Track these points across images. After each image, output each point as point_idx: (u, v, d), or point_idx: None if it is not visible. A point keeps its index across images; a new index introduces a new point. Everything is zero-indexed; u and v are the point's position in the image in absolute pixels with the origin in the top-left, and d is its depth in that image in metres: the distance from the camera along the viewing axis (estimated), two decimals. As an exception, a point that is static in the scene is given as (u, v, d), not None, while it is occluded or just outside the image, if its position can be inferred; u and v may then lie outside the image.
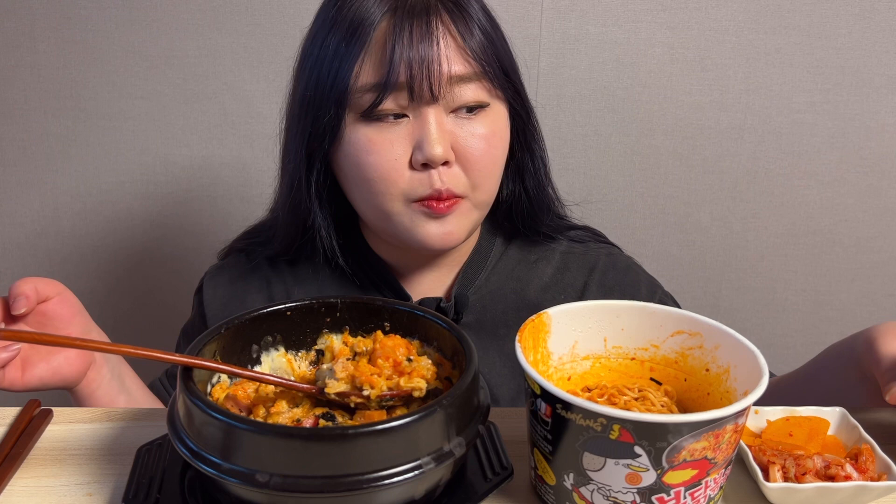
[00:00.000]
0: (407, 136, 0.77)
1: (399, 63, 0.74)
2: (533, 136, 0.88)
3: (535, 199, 0.90)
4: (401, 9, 0.76)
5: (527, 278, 0.90)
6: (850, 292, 1.42)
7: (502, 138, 0.83)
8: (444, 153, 0.76)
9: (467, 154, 0.79)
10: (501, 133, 0.82)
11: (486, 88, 0.79)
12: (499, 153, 0.82)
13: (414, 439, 0.47)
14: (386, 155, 0.77)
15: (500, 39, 0.82)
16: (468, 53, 0.77)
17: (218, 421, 0.47)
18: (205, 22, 1.26)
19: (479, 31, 0.79)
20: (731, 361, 0.56)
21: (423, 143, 0.76)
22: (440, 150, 0.76)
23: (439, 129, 0.77)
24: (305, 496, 0.45)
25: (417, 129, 0.77)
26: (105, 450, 0.61)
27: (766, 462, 0.56)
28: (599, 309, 0.61)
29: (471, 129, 0.79)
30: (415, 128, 0.77)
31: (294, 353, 0.63)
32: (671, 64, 1.29)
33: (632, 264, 0.94)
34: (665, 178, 1.36)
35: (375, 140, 0.77)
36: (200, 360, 0.53)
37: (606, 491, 0.49)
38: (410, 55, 0.74)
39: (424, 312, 0.61)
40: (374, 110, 0.76)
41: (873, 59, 1.28)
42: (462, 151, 0.78)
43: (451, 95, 0.77)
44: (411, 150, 0.77)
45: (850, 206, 1.37)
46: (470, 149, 0.78)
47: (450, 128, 0.78)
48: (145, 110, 1.31)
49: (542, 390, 0.49)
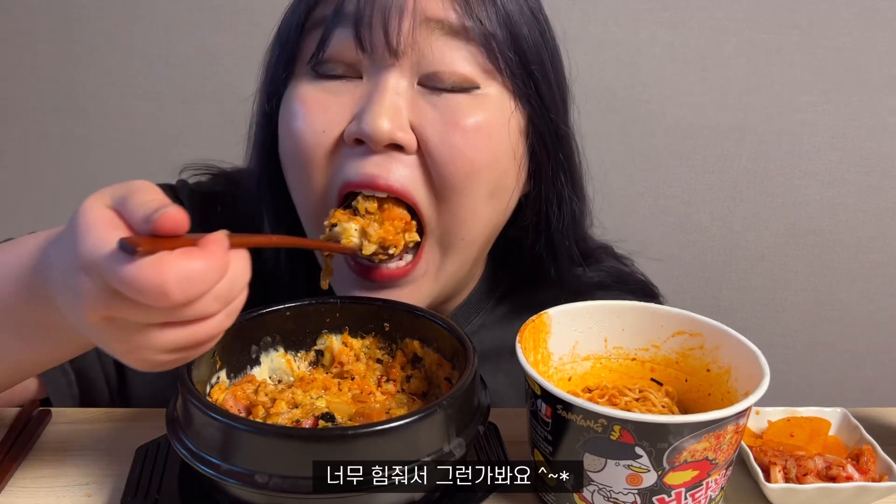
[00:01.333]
0: (349, 102, 0.57)
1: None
2: (561, 159, 0.64)
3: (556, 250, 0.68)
4: None
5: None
6: (850, 292, 1.42)
7: (493, 139, 0.59)
8: (392, 130, 0.54)
9: (431, 146, 0.56)
10: (492, 131, 0.59)
11: (479, 62, 0.57)
12: (483, 160, 0.58)
13: (414, 440, 0.47)
14: (312, 122, 0.57)
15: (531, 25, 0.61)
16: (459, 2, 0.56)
17: (217, 422, 0.46)
18: (205, 22, 1.26)
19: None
20: (731, 362, 0.55)
21: (365, 111, 0.55)
22: (386, 122, 0.54)
23: (395, 97, 0.55)
24: (305, 497, 0.45)
25: (365, 93, 0.57)
26: (104, 450, 0.61)
27: (768, 463, 0.55)
28: (600, 309, 0.60)
29: (444, 110, 0.57)
30: (363, 90, 0.57)
31: (293, 353, 0.63)
32: (671, 64, 1.29)
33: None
34: (665, 178, 1.36)
35: (306, 100, 0.57)
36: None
37: (607, 492, 0.49)
38: None
39: (424, 313, 0.60)
40: (318, 57, 0.57)
41: (874, 59, 1.28)
42: (425, 140, 0.56)
43: (423, 54, 0.55)
44: (349, 120, 0.57)
45: (851, 206, 1.37)
46: (436, 140, 0.56)
47: (414, 99, 0.57)
48: (145, 110, 1.31)
49: (542, 391, 0.49)
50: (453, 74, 0.57)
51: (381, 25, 0.53)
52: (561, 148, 0.65)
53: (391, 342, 0.63)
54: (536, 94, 0.61)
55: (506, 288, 0.75)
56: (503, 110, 0.60)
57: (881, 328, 1.43)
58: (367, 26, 0.54)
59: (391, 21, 0.53)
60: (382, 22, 0.53)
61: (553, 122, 0.63)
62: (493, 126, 0.59)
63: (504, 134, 0.60)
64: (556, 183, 0.65)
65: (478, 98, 0.58)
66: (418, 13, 0.54)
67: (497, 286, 0.75)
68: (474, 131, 0.57)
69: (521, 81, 0.60)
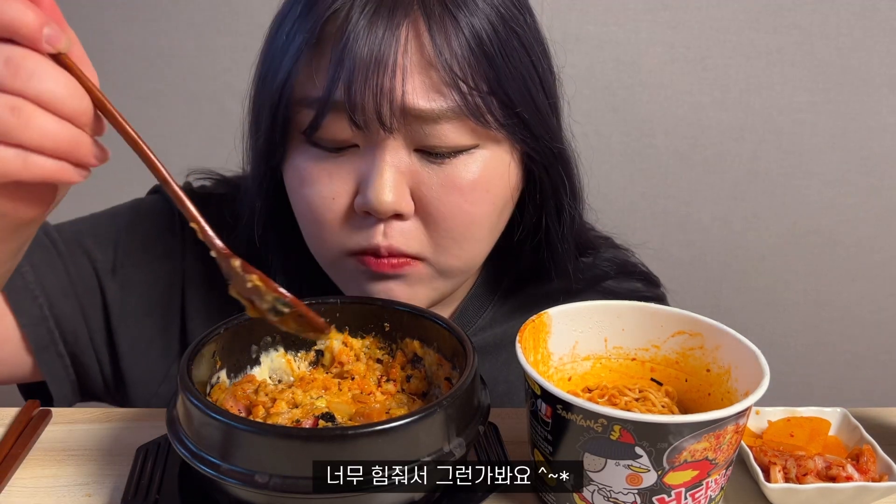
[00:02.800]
0: (352, 171, 0.59)
1: (340, 75, 0.55)
2: (560, 173, 0.66)
3: (555, 253, 0.70)
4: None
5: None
6: (850, 292, 1.41)
7: (492, 191, 0.61)
8: (395, 203, 0.58)
9: (431, 208, 0.59)
10: (491, 184, 0.61)
11: (471, 128, 0.58)
12: (482, 211, 0.61)
13: (414, 440, 0.47)
14: (321, 190, 0.60)
15: (513, 56, 0.59)
16: (445, 74, 0.56)
17: (217, 422, 0.46)
18: (205, 22, 1.26)
19: (465, 45, 0.56)
20: (731, 362, 0.55)
21: (368, 187, 0.58)
22: (390, 197, 0.57)
23: (394, 170, 0.58)
24: (305, 497, 0.45)
25: (365, 165, 0.59)
26: (104, 450, 0.61)
27: (767, 463, 0.55)
28: (600, 309, 0.60)
29: (442, 176, 0.59)
30: (363, 161, 0.59)
31: (293, 353, 0.63)
32: (671, 64, 1.29)
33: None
34: (665, 178, 1.36)
35: (312, 170, 0.60)
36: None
37: (607, 492, 0.49)
38: (354, 62, 0.54)
39: (424, 313, 0.60)
40: (311, 136, 0.59)
41: (874, 59, 1.28)
42: (425, 204, 0.59)
43: (415, 129, 0.57)
44: (355, 188, 0.60)
45: (851, 206, 1.37)
46: (435, 201, 0.59)
47: (412, 168, 0.59)
48: (145, 110, 1.30)
49: (542, 391, 0.49)
50: (447, 146, 0.59)
51: (374, 110, 0.55)
52: (559, 163, 0.66)
53: (391, 342, 0.63)
54: (530, 132, 0.62)
55: (511, 283, 0.76)
56: (501, 161, 0.62)
57: (881, 328, 1.43)
58: (361, 112, 0.55)
59: (382, 107, 0.55)
60: (374, 107, 0.55)
61: (549, 145, 0.64)
62: (492, 179, 0.61)
63: (504, 182, 0.63)
64: (555, 196, 0.67)
65: (474, 157, 0.60)
66: (398, 103, 0.56)
67: (500, 281, 0.76)
68: (472, 189, 0.60)
69: (513, 129, 0.61)
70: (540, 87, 0.63)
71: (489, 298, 0.77)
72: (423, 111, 0.56)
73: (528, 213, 0.68)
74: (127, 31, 1.26)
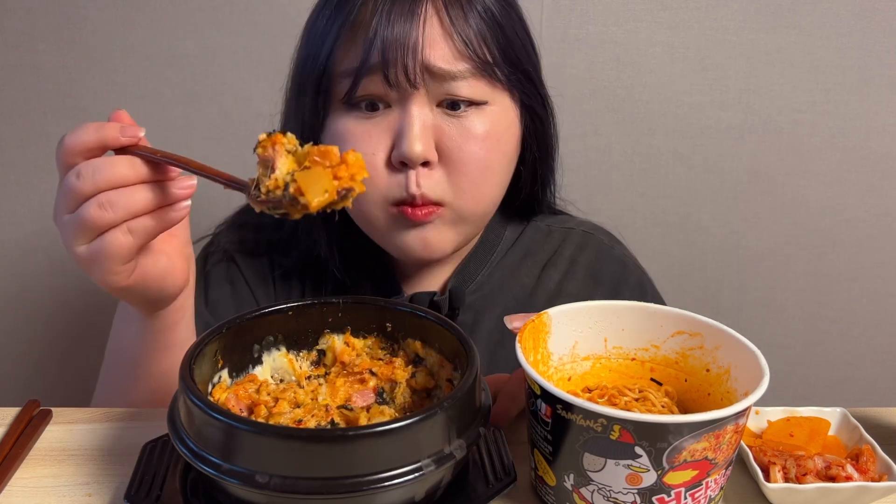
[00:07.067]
0: (388, 130, 0.71)
1: (375, 45, 0.68)
2: (553, 137, 0.82)
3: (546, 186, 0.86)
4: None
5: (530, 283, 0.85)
6: (850, 292, 1.41)
7: (502, 140, 0.75)
8: (424, 151, 0.69)
9: (452, 155, 0.71)
10: (502, 134, 0.75)
11: (485, 84, 0.72)
12: (495, 157, 0.74)
13: (414, 441, 0.47)
14: (362, 149, 0.69)
15: (514, 26, 0.75)
16: (460, 43, 0.70)
17: (218, 421, 0.47)
18: (205, 22, 1.26)
19: (478, 17, 0.71)
20: (731, 362, 0.56)
21: (401, 139, 0.69)
22: (419, 147, 0.69)
23: (421, 124, 0.70)
24: (305, 497, 0.45)
25: (399, 123, 0.71)
26: (104, 450, 0.61)
27: (767, 462, 0.56)
28: (600, 309, 0.60)
29: (460, 127, 0.71)
30: (397, 120, 0.71)
31: (295, 353, 0.63)
32: (671, 64, 1.29)
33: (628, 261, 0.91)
34: (665, 178, 1.36)
35: (353, 131, 0.71)
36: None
37: (607, 492, 0.49)
38: (386, 36, 0.67)
39: (426, 314, 0.61)
40: (352, 97, 0.70)
41: (874, 59, 1.28)
42: (447, 152, 0.71)
43: (437, 87, 0.70)
44: (391, 145, 0.71)
45: (851, 206, 1.37)
46: (456, 150, 0.71)
47: (436, 122, 0.71)
48: (145, 110, 1.30)
49: (542, 391, 0.49)
50: (461, 97, 0.71)
51: (403, 73, 0.68)
52: (546, 109, 0.80)
53: (393, 342, 0.63)
54: (531, 83, 0.77)
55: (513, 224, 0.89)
56: (506, 117, 0.75)
57: (881, 328, 1.43)
58: (393, 68, 0.68)
59: (408, 64, 0.68)
60: (404, 71, 0.68)
61: (540, 91, 0.78)
62: (501, 132, 0.74)
63: (510, 135, 0.76)
64: (546, 136, 0.82)
65: (486, 112, 0.73)
66: (419, 60, 0.68)
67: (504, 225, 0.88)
68: (485, 138, 0.72)
69: (519, 86, 0.75)
70: (531, 48, 0.78)
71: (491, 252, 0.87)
72: (444, 70, 0.69)
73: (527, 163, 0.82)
74: (127, 31, 1.26)
